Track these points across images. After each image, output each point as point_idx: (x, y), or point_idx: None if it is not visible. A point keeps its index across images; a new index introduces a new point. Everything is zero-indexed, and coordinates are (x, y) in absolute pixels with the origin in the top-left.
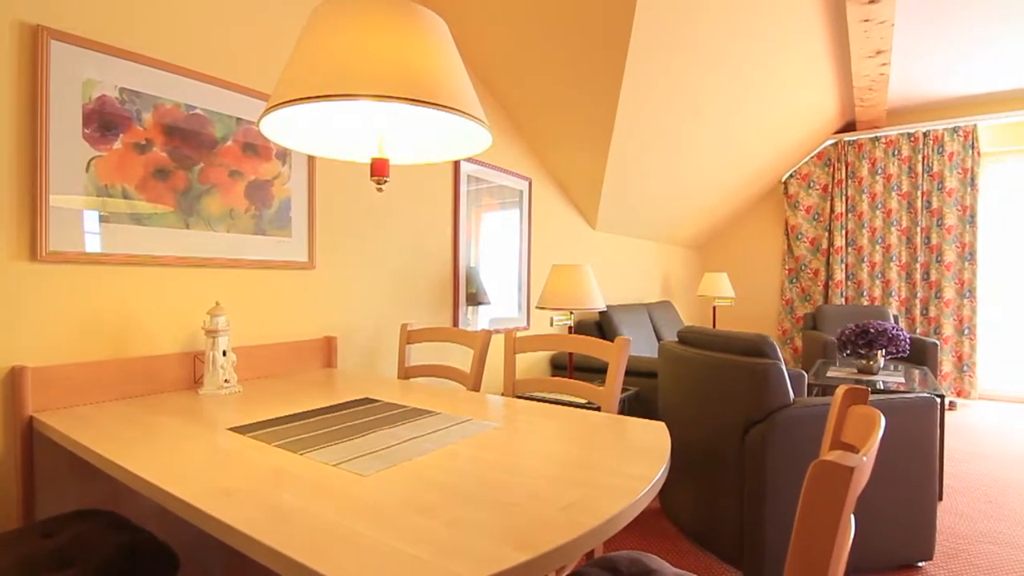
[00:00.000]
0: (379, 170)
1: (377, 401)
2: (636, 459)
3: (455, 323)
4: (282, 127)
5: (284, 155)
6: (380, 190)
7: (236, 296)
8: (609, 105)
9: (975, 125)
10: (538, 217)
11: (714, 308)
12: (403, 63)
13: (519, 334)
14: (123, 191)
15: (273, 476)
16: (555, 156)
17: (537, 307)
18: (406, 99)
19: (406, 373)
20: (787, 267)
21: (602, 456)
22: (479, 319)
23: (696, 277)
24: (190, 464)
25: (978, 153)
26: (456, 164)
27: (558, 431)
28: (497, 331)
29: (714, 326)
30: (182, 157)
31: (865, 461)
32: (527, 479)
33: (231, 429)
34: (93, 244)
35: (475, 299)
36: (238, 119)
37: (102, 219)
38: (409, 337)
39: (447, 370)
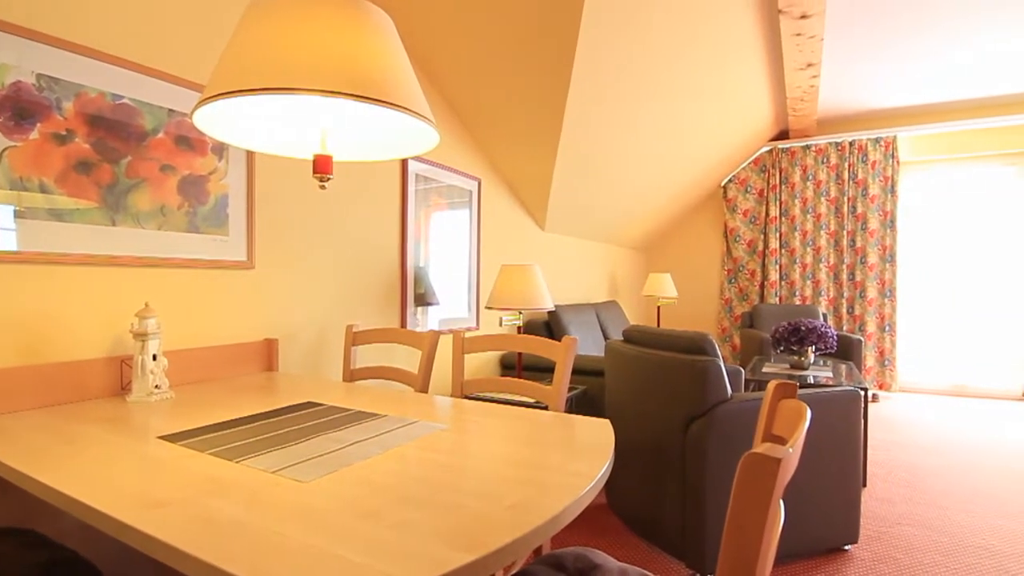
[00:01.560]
0: (322, 167)
1: (320, 405)
2: (581, 456)
3: (403, 324)
4: (218, 120)
5: (221, 150)
6: (323, 188)
7: (168, 297)
8: (557, 108)
9: (895, 136)
10: (488, 217)
11: (658, 308)
12: (347, 58)
13: (467, 334)
14: (41, 185)
15: (206, 486)
16: (505, 157)
17: (486, 307)
18: (350, 95)
19: (351, 376)
20: (726, 268)
21: (548, 454)
22: (428, 320)
23: (641, 277)
24: (114, 476)
25: (897, 162)
26: (404, 163)
27: (505, 431)
28: (446, 332)
29: (659, 325)
30: (107, 149)
31: (792, 452)
32: (474, 479)
33: (161, 437)
34: (7, 241)
35: (424, 300)
36: (170, 110)
37: (17, 214)
38: (355, 339)
39: (394, 372)
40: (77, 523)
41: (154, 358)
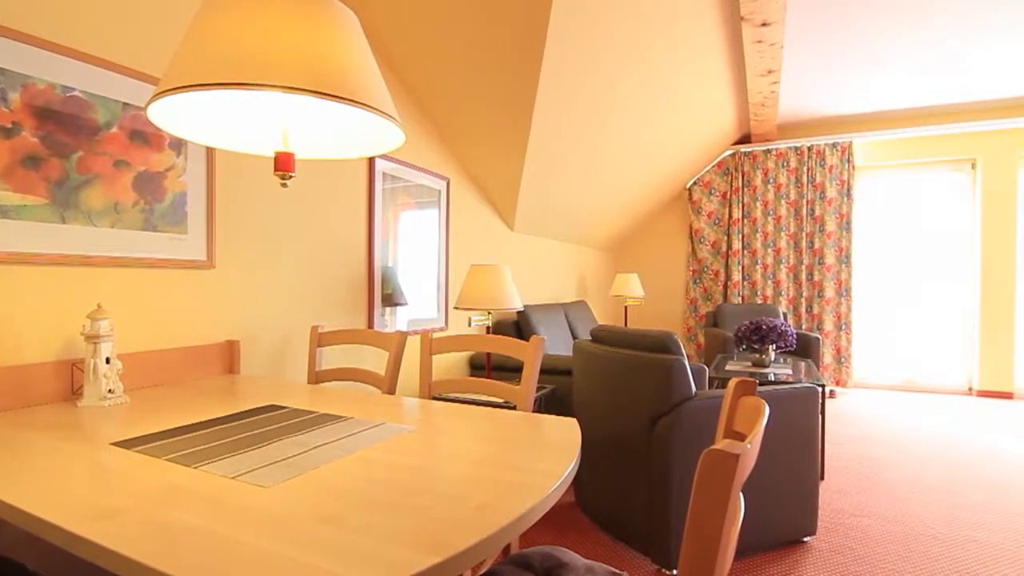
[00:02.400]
0: (283, 165)
1: (283, 408)
2: (548, 455)
3: (370, 325)
4: (175, 115)
5: (179, 145)
6: (285, 186)
7: (123, 298)
8: (526, 110)
9: (851, 142)
10: (457, 217)
11: (626, 307)
12: (309, 54)
13: (435, 335)
14: None
15: (162, 493)
16: (474, 157)
17: (455, 307)
18: (312, 92)
19: (317, 378)
20: (691, 268)
21: (515, 454)
22: (397, 320)
23: (609, 278)
24: (64, 484)
25: (853, 167)
26: (371, 161)
27: (473, 431)
28: (414, 332)
29: (626, 324)
30: (57, 144)
31: (750, 448)
32: (440, 481)
33: (115, 444)
34: None
35: (391, 300)
36: (125, 104)
37: None
38: (320, 340)
39: (361, 373)
40: (24, 535)
41: (107, 361)
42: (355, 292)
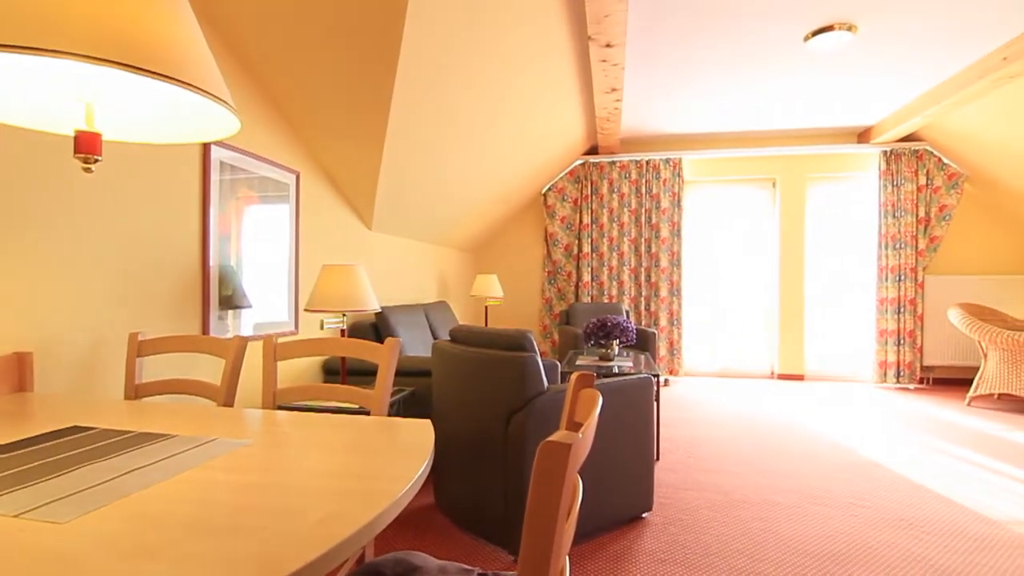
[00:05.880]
0: (86, 146)
1: (90, 429)
2: (399, 460)
3: (205, 330)
4: None
5: None
6: (88, 171)
7: None
8: (383, 106)
9: (681, 158)
10: (309, 214)
11: (486, 307)
12: (123, 19)
13: (282, 339)
14: None
15: None
16: (328, 151)
17: (306, 309)
18: (123, 65)
19: (137, 392)
20: (547, 270)
21: (365, 461)
22: (241, 325)
23: (470, 278)
24: None
25: (683, 180)
26: (205, 148)
27: (321, 441)
28: (258, 337)
29: (486, 324)
30: None
31: (582, 438)
32: (279, 497)
33: None
34: None
35: (231, 302)
36: None
37: None
38: (140, 348)
39: (193, 385)
40: None
41: None
42: (187, 294)
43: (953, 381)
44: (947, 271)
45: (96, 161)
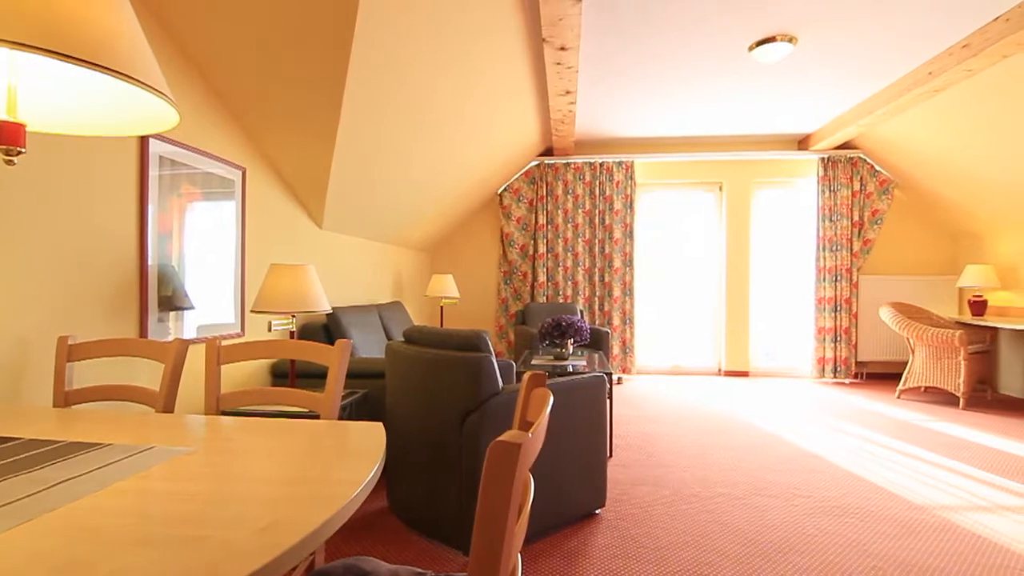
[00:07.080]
0: (9, 137)
1: (14, 439)
2: (349, 464)
3: (143, 333)
4: None
5: None
6: (10, 163)
7: None
8: (334, 100)
9: (633, 161)
10: (257, 212)
11: (442, 307)
12: (44, 2)
13: (226, 342)
14: None
15: None
16: (276, 147)
17: (252, 311)
18: (47, 51)
19: (66, 399)
20: (503, 270)
21: (313, 466)
22: (184, 327)
23: (426, 278)
24: None
25: (635, 183)
26: (143, 142)
27: (266, 446)
28: (201, 340)
29: (442, 324)
30: None
31: (532, 437)
32: (222, 506)
33: None
34: None
35: (172, 304)
36: None
37: None
38: (71, 353)
39: (128, 391)
40: None
41: None
42: (123, 295)
43: (885, 375)
44: (879, 272)
45: (19, 153)
